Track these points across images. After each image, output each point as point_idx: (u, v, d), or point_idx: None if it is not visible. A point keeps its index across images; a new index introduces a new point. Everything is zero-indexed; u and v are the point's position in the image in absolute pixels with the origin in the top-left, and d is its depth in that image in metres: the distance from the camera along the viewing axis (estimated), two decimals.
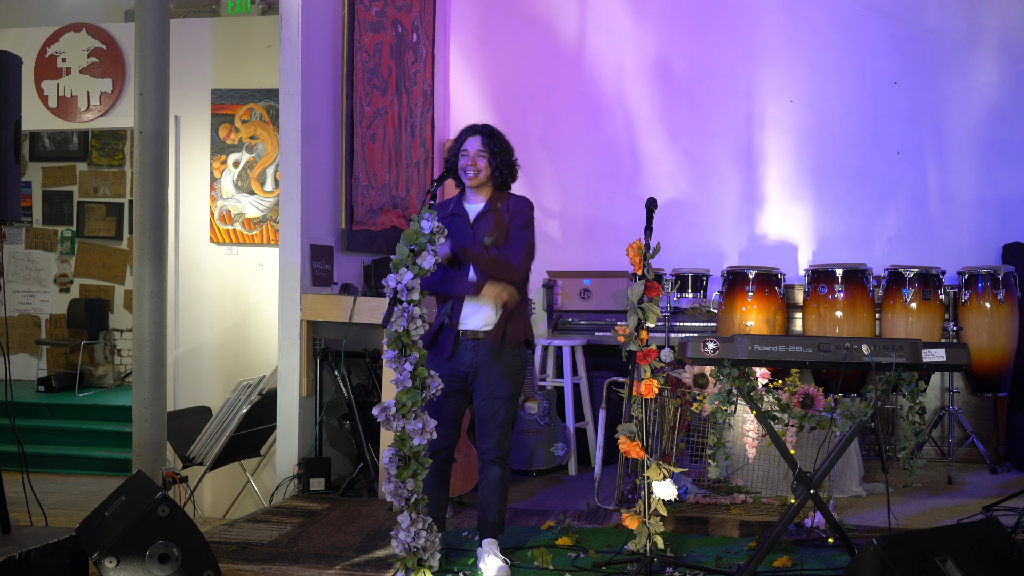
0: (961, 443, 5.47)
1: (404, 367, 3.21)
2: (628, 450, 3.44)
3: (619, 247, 3.89)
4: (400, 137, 5.92)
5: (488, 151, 3.56)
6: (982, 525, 2.80)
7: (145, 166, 4.46)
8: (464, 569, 3.56)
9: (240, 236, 6.54)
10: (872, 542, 2.58)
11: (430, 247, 3.22)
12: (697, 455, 4.69)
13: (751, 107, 6.32)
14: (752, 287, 5.45)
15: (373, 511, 4.41)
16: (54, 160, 9.32)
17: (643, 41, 6.50)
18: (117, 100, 6.77)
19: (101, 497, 3.33)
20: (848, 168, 6.18)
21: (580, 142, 6.58)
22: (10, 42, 6.67)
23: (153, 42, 4.48)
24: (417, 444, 3.19)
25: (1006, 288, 5.25)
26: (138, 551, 2.94)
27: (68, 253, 9.28)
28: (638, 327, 3.43)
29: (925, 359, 3.26)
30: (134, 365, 4.51)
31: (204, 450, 5.22)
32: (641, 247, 3.46)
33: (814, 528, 3.87)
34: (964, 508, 4.38)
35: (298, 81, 4.85)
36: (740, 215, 6.34)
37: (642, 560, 3.39)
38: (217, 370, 6.53)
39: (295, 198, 4.85)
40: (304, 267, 4.86)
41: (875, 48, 6.14)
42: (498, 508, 3.60)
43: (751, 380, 3.38)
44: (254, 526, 4.18)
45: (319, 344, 4.92)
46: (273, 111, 6.41)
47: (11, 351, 7.18)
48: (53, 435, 7.30)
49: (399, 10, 5.90)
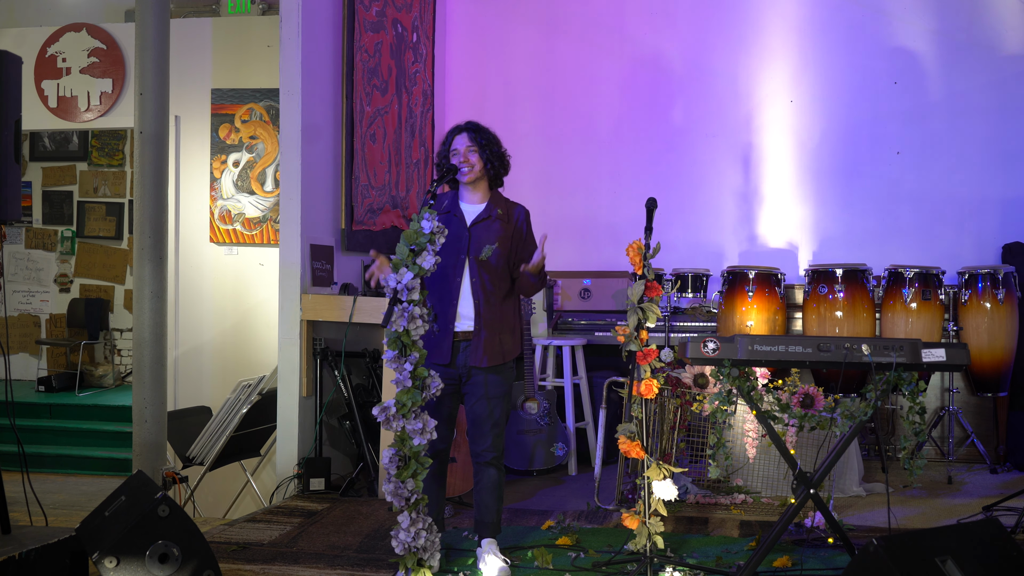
0: (961, 443, 5.48)
1: (404, 367, 3.21)
2: (628, 450, 3.44)
3: (619, 247, 3.90)
4: (400, 137, 5.92)
5: (477, 145, 3.60)
6: (982, 525, 2.80)
7: (145, 166, 4.47)
8: (464, 569, 3.56)
9: (240, 236, 6.54)
10: (872, 542, 2.58)
11: (430, 247, 3.22)
12: (697, 455, 4.69)
13: (751, 107, 6.32)
14: (752, 287, 5.45)
15: (373, 511, 4.41)
16: (54, 160, 9.32)
17: (643, 41, 6.50)
18: (117, 100, 6.77)
19: (101, 497, 3.32)
20: (848, 168, 6.17)
21: (580, 142, 6.58)
22: (10, 42, 6.68)
23: (153, 42, 4.48)
24: (417, 444, 3.19)
25: (1006, 288, 5.25)
26: (138, 551, 2.93)
27: (68, 253, 9.28)
28: (638, 327, 3.43)
29: (925, 359, 3.26)
30: (134, 365, 4.51)
31: (204, 450, 5.22)
32: (641, 247, 3.46)
33: (814, 528, 3.87)
34: (964, 508, 4.38)
35: (298, 81, 4.85)
36: (740, 215, 6.33)
37: (642, 560, 3.39)
38: (217, 370, 6.53)
39: (295, 198, 4.85)
40: (304, 267, 4.86)
41: (875, 48, 6.14)
42: (496, 508, 3.62)
43: (751, 380, 3.38)
44: (254, 526, 4.18)
45: (319, 344, 4.92)
46: (273, 111, 6.41)
47: (11, 351, 7.18)
48: (53, 435, 7.30)
49: (399, 10, 5.90)
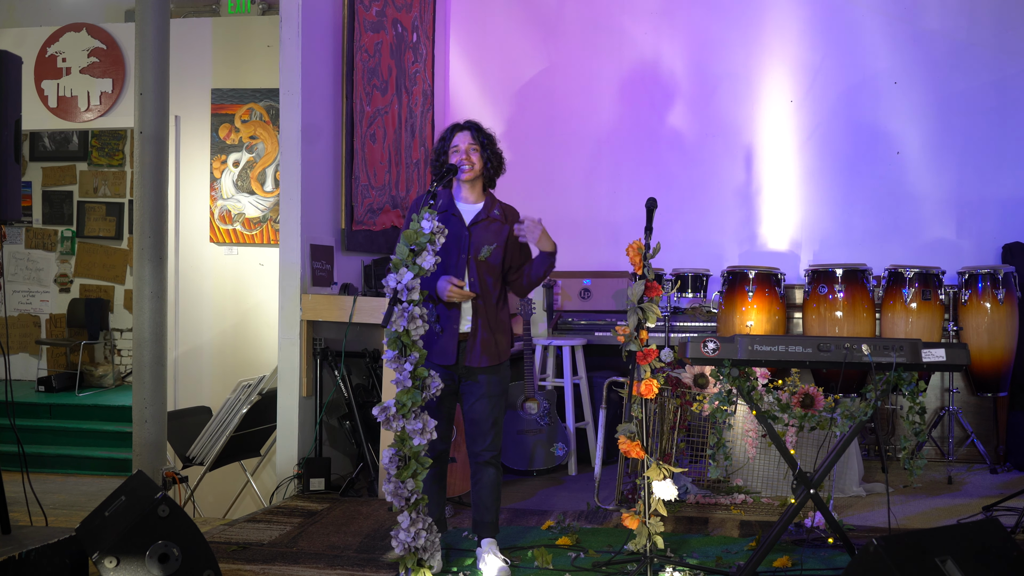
0: (961, 443, 5.47)
1: (404, 367, 3.21)
2: (628, 450, 3.44)
3: (619, 247, 3.89)
4: (400, 137, 5.92)
5: (479, 144, 3.60)
6: (982, 525, 2.80)
7: (145, 166, 4.46)
8: (464, 569, 3.56)
9: (240, 236, 6.54)
10: (872, 542, 2.58)
11: (430, 247, 3.23)
12: (697, 455, 4.69)
13: (751, 107, 6.32)
14: (752, 287, 5.45)
15: (373, 511, 4.41)
16: (54, 160, 9.32)
17: (643, 41, 6.51)
18: (117, 100, 6.77)
19: (101, 497, 3.32)
20: (848, 168, 6.17)
21: (580, 141, 6.58)
22: (10, 42, 6.67)
23: (153, 42, 4.48)
24: (417, 444, 3.19)
25: (1006, 288, 5.25)
26: (138, 551, 2.93)
27: (68, 253, 9.28)
28: (638, 327, 3.43)
29: (925, 359, 3.26)
30: (134, 365, 4.50)
31: (204, 450, 5.22)
32: (641, 247, 3.46)
33: (814, 528, 3.87)
34: (964, 508, 4.38)
35: (298, 81, 4.85)
36: (740, 215, 6.33)
37: (642, 560, 3.39)
38: (217, 370, 6.53)
39: (295, 198, 4.85)
40: (304, 267, 4.86)
41: (875, 48, 6.13)
42: (495, 508, 3.63)
43: (751, 380, 3.38)
44: (254, 526, 4.18)
45: (319, 344, 4.92)
46: (273, 111, 6.40)
47: (11, 351, 7.18)
48: (53, 435, 7.31)
49: (399, 10, 5.90)
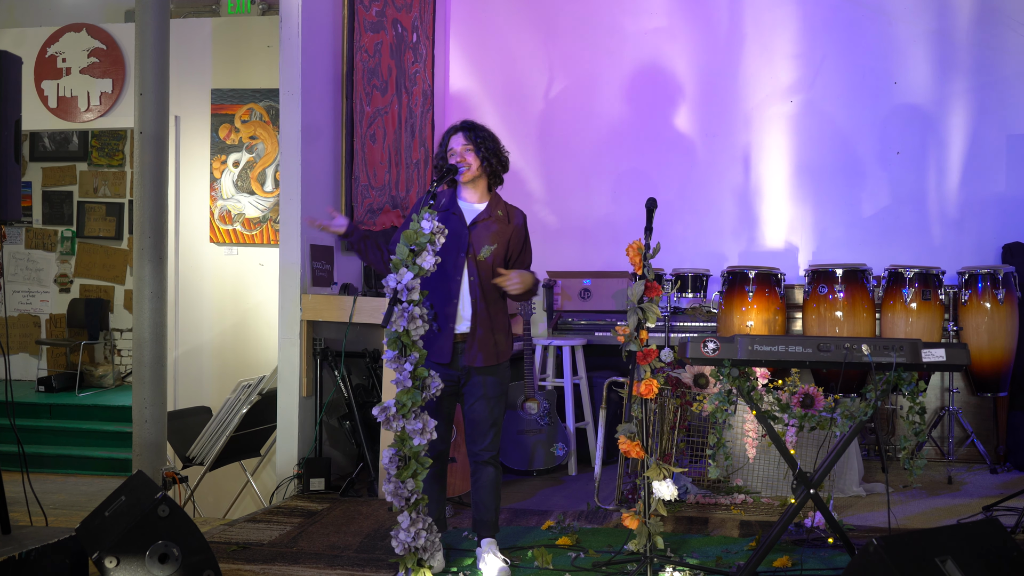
0: (961, 443, 5.47)
1: (404, 367, 3.20)
2: (628, 450, 3.43)
3: (619, 247, 3.89)
4: (400, 137, 5.92)
5: (473, 144, 3.61)
6: (982, 525, 2.80)
7: (145, 166, 4.46)
8: (464, 569, 3.56)
9: (240, 236, 6.54)
10: (872, 542, 2.58)
11: (430, 247, 3.22)
12: (697, 455, 4.69)
13: (751, 107, 6.32)
14: (752, 287, 5.45)
15: (373, 511, 4.41)
16: (54, 160, 9.33)
17: (643, 40, 6.50)
18: (117, 100, 6.76)
19: (101, 497, 3.33)
20: (848, 168, 6.17)
21: (580, 141, 6.58)
22: (10, 42, 6.67)
23: (153, 42, 4.47)
24: (417, 444, 3.19)
25: (1006, 288, 5.25)
26: (138, 551, 2.93)
27: (68, 253, 9.28)
28: (638, 327, 3.43)
29: (925, 359, 3.26)
30: (134, 365, 4.50)
31: (204, 450, 5.22)
32: (641, 247, 3.46)
33: (814, 528, 3.87)
34: (964, 508, 4.38)
35: (298, 81, 4.85)
36: (740, 215, 6.33)
37: (642, 560, 3.39)
38: (217, 370, 6.53)
39: (295, 198, 4.85)
40: (304, 267, 4.86)
41: (875, 48, 6.13)
42: (495, 507, 3.63)
43: (751, 380, 3.38)
44: (254, 526, 4.18)
45: (319, 344, 4.91)
46: (273, 111, 6.40)
47: (11, 351, 7.18)
48: (53, 435, 7.31)
49: (399, 10, 5.90)
